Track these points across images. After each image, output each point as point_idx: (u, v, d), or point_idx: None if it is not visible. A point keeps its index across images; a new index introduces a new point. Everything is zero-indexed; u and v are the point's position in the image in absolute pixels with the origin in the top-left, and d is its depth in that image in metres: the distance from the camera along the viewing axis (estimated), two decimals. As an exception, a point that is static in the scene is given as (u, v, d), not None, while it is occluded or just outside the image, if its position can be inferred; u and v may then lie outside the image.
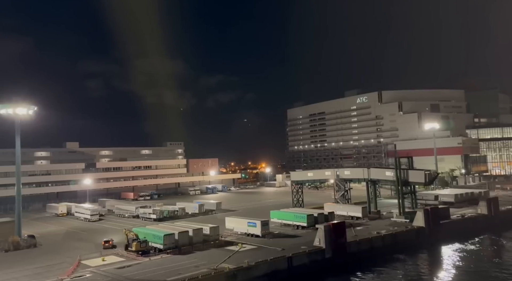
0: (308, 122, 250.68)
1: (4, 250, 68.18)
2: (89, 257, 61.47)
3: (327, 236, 62.63)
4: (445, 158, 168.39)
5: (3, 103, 71.14)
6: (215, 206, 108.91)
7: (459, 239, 75.94)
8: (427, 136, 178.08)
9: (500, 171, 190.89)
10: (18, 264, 59.59)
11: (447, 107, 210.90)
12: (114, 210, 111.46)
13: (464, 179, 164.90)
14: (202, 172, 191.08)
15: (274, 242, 67.68)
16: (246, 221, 75.05)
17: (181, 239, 64.60)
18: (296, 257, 58.72)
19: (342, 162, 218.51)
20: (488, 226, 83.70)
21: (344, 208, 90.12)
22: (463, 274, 58.39)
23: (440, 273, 59.98)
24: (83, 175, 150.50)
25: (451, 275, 58.78)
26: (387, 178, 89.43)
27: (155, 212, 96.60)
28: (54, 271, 54.91)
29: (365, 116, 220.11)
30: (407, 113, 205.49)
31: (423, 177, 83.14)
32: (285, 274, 56.48)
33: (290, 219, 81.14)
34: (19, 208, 74.90)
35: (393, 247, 68.83)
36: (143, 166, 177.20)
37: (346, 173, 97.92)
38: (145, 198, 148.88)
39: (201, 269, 52.55)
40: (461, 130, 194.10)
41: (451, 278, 57.61)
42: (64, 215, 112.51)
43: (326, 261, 61.12)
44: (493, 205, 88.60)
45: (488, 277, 56.76)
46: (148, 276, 50.44)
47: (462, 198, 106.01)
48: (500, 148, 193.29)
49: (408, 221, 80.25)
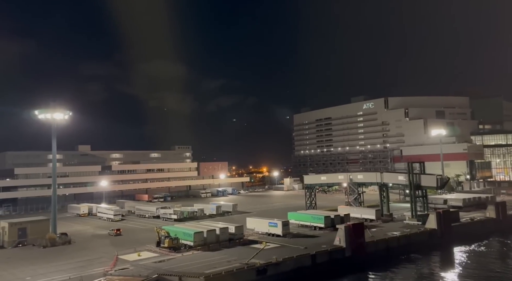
0: (314, 127, 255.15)
1: (43, 246, 72.48)
2: (124, 252, 65.61)
3: (347, 236, 66.60)
4: (451, 163, 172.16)
5: (41, 109, 75.56)
6: (231, 207, 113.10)
7: (469, 241, 79.81)
8: (432, 142, 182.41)
9: (504, 177, 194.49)
10: (59, 259, 63.84)
11: (452, 114, 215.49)
12: (134, 210, 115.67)
13: (469, 185, 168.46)
14: (212, 175, 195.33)
15: (295, 242, 71.64)
16: (267, 221, 79.13)
17: (209, 237, 68.78)
18: (319, 255, 62.74)
19: (348, 166, 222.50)
20: (496, 229, 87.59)
21: (358, 211, 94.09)
22: (474, 274, 61.62)
23: (453, 273, 63.73)
24: (99, 177, 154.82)
25: (463, 274, 62.24)
26: (400, 182, 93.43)
27: (175, 213, 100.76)
28: (95, 264, 59.09)
29: (371, 122, 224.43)
30: (413, 119, 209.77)
31: (435, 182, 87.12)
32: (309, 270, 60.45)
33: (307, 220, 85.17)
34: (55, 207, 79.36)
35: (408, 247, 72.64)
36: (155, 169, 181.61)
37: (359, 177, 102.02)
38: (159, 200, 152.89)
39: (234, 263, 56.68)
40: (466, 137, 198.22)
41: (463, 278, 61.08)
42: (86, 215, 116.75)
43: (346, 260, 65.02)
44: (501, 209, 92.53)
45: (498, 278, 60.11)
46: (186, 269, 54.52)
47: (470, 203, 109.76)
48: (504, 155, 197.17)
49: (420, 224, 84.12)
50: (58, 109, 75.97)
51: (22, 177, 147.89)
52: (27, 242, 75.07)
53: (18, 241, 74.54)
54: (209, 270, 53.33)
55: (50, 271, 56.15)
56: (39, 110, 75.81)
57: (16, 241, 74.30)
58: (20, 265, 60.52)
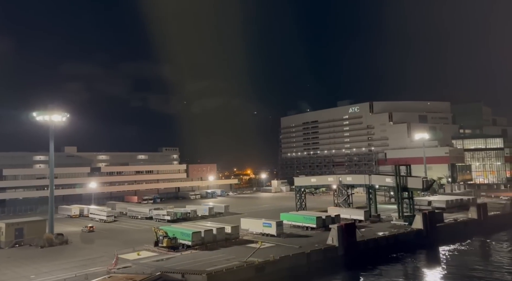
0: (301, 130, 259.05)
1: (40, 246, 73.17)
2: (123, 252, 66.88)
3: (340, 235, 69.59)
4: (433, 166, 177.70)
5: (40, 110, 76.30)
6: (223, 209, 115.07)
7: (453, 240, 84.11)
8: (415, 146, 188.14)
9: (483, 179, 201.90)
10: (60, 258, 64.86)
11: (434, 118, 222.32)
12: (126, 212, 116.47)
13: (451, 187, 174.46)
14: (201, 177, 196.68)
15: (289, 241, 74.22)
16: (262, 222, 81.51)
17: (207, 236, 70.78)
18: (313, 254, 65.53)
19: (334, 169, 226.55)
20: (478, 229, 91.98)
21: (347, 212, 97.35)
22: (458, 272, 65.41)
23: (438, 271, 67.49)
24: (89, 178, 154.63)
25: (448, 272, 65.88)
26: (387, 184, 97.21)
27: (169, 214, 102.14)
28: (97, 263, 60.40)
29: (356, 126, 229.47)
30: (397, 123, 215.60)
31: (421, 184, 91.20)
32: (304, 268, 63.16)
33: (299, 221, 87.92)
34: (52, 208, 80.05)
35: (396, 246, 76.18)
36: (144, 171, 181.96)
37: (348, 179, 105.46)
38: (148, 202, 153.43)
39: (233, 262, 58.88)
40: (447, 140, 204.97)
41: (448, 275, 64.67)
42: (77, 216, 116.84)
43: (339, 258, 67.99)
44: (483, 211, 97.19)
45: (479, 275, 63.65)
46: (188, 267, 56.39)
47: (453, 204, 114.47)
48: (484, 158, 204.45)
49: (407, 224, 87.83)
50: (56, 111, 76.81)
51: (10, 178, 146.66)
52: (24, 242, 75.58)
53: (15, 241, 74.99)
54: (210, 268, 55.39)
55: (53, 270, 57.27)
56: (37, 111, 76.54)
57: (13, 241, 74.76)
58: (21, 264, 61.35)
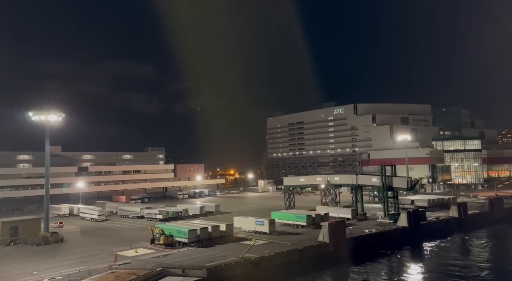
0: (287, 131, 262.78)
1: (36, 244, 73.86)
2: (120, 249, 68.29)
3: (331, 232, 72.68)
4: (414, 167, 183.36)
5: (36, 110, 76.91)
6: (214, 208, 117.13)
7: (435, 237, 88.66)
8: (398, 147, 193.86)
9: (462, 180, 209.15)
10: (58, 255, 66.03)
11: (415, 120, 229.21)
12: (116, 211, 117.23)
13: (431, 187, 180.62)
14: (188, 177, 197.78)
15: (281, 238, 76.94)
16: (254, 220, 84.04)
17: (202, 234, 72.86)
18: (306, 250, 68.44)
19: (319, 169, 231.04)
20: (458, 227, 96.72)
21: (336, 210, 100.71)
22: (440, 266, 69.20)
23: (422, 265, 72.09)
24: (76, 178, 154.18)
25: (431, 266, 70.10)
26: (374, 183, 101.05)
27: (161, 213, 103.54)
28: (96, 260, 61.82)
29: (341, 127, 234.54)
30: (380, 125, 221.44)
31: (406, 183, 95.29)
32: (297, 263, 65.88)
33: (290, 219, 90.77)
34: (47, 206, 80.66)
35: (383, 243, 79.90)
36: (132, 171, 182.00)
37: (336, 179, 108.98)
38: (137, 201, 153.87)
39: (230, 258, 61.14)
40: (428, 142, 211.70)
41: (431, 268, 68.63)
42: (67, 216, 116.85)
43: (330, 254, 70.98)
44: (463, 209, 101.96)
45: (460, 269, 67.51)
46: (187, 263, 58.38)
47: (434, 203, 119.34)
48: (462, 159, 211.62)
49: (392, 222, 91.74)
50: (52, 111, 77.56)
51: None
52: (19, 240, 76.15)
53: (10, 239, 75.49)
54: (209, 263, 57.55)
55: (54, 266, 58.41)
56: (33, 111, 77.12)
57: (8, 240, 75.24)
58: (21, 261, 62.20)
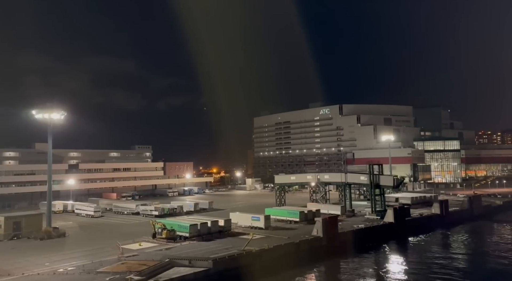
0: (274, 130, 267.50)
1: (39, 239, 75.82)
2: (124, 243, 70.77)
3: (324, 227, 77.12)
4: (397, 166, 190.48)
5: (39, 108, 78.72)
6: (208, 205, 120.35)
7: (419, 232, 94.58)
8: (381, 146, 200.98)
9: (441, 179, 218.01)
10: (64, 249, 68.29)
11: (398, 121, 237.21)
12: (111, 208, 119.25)
13: (412, 185, 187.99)
14: (177, 175, 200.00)
15: (277, 233, 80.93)
16: (250, 216, 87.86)
17: (202, 229, 76.25)
18: (302, 243, 72.72)
19: (305, 168, 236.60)
20: (440, 223, 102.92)
21: (325, 207, 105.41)
22: (423, 259, 74.38)
23: (407, 258, 77.01)
24: (67, 175, 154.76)
25: (415, 259, 75.20)
26: (362, 181, 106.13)
27: (157, 209, 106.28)
28: (102, 253, 64.33)
29: (327, 126, 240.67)
30: (364, 125, 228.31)
31: (392, 181, 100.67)
32: (294, 255, 69.94)
33: (283, 215, 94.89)
34: (49, 202, 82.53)
35: (372, 237, 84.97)
36: (122, 168, 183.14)
37: (326, 177, 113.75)
38: (127, 199, 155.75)
39: (232, 250, 64.75)
40: (410, 142, 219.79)
41: (415, 260, 73.71)
42: (61, 212, 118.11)
43: (323, 247, 75.44)
44: (444, 207, 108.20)
45: (442, 262, 72.51)
46: (192, 255, 61.65)
47: (417, 201, 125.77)
48: (442, 159, 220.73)
49: (379, 218, 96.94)
50: (55, 109, 79.49)
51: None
52: (22, 235, 77.86)
53: (13, 234, 77.18)
54: (213, 255, 61.05)
55: (64, 259, 60.85)
56: (36, 109, 78.87)
57: (11, 234, 76.92)
58: (30, 255, 64.20)
